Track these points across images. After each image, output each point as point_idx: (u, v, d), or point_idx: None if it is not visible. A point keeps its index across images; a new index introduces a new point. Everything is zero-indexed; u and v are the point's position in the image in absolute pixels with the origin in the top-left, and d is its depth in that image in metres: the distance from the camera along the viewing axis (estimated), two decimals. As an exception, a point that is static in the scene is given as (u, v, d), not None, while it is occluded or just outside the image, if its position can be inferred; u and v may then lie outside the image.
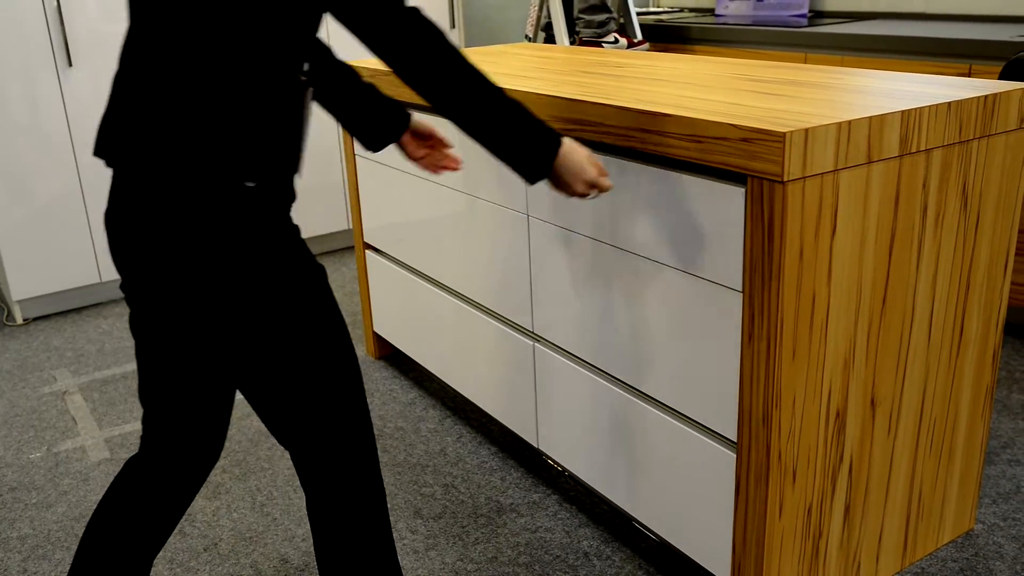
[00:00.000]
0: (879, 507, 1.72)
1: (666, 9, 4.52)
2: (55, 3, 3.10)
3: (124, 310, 3.44)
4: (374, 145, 1.59)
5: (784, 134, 1.30)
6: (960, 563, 1.85)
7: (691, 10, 4.40)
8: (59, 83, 3.17)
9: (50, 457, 2.42)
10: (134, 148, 1.21)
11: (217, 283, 1.23)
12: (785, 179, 1.33)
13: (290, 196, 1.30)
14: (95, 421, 2.60)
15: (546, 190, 1.83)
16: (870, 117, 1.39)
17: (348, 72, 1.55)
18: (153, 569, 1.94)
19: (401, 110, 1.60)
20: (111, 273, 3.46)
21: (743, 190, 1.40)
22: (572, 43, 3.79)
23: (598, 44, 3.70)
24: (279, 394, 1.32)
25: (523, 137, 1.33)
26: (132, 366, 2.95)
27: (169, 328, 1.32)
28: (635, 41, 3.76)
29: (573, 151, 1.38)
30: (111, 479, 2.29)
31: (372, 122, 1.57)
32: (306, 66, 1.33)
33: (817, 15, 3.81)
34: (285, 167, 1.26)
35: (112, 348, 3.09)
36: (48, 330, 3.28)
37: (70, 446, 2.47)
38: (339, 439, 1.37)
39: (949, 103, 1.49)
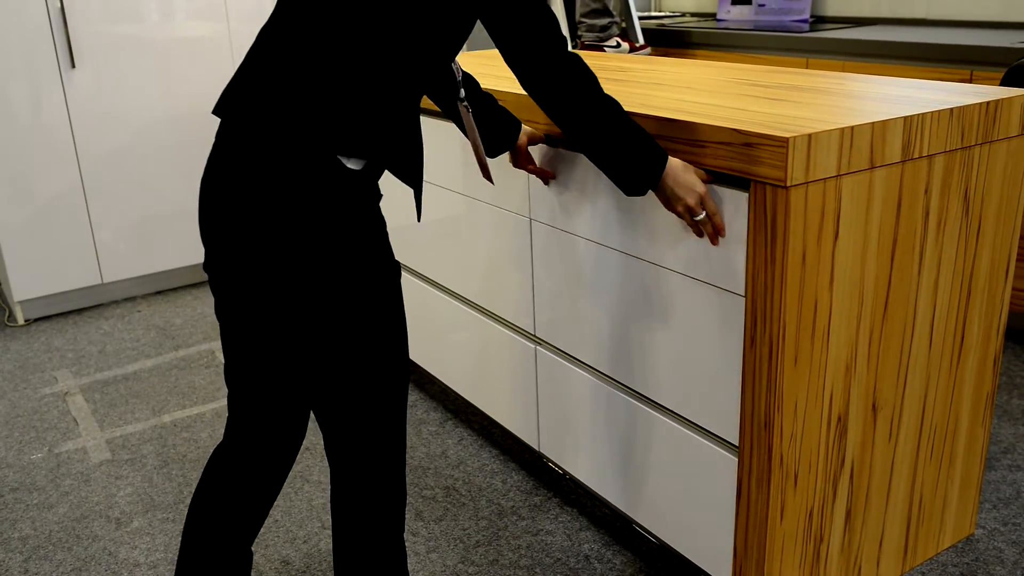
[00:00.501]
0: (880, 512, 1.72)
1: (668, 13, 4.53)
2: (58, 4, 3.11)
3: (125, 312, 3.44)
4: (492, 151, 1.70)
5: (787, 139, 1.31)
6: (960, 568, 1.85)
7: (693, 15, 4.41)
8: (62, 84, 3.18)
9: (51, 458, 2.42)
10: (262, 108, 1.24)
11: (302, 257, 1.25)
12: (788, 184, 1.33)
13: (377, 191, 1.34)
14: (96, 422, 2.60)
15: (549, 194, 1.83)
16: (872, 123, 1.40)
17: (471, 83, 1.65)
18: (154, 570, 1.95)
19: (515, 121, 1.72)
20: (112, 274, 3.46)
21: (746, 195, 1.41)
22: (574, 47, 3.79)
23: (600, 48, 3.71)
24: (331, 380, 1.35)
25: (629, 157, 1.42)
26: (133, 367, 2.95)
27: (250, 303, 1.34)
28: (637, 45, 3.77)
29: (686, 168, 1.45)
30: (112, 480, 2.29)
31: (491, 130, 1.68)
32: (459, 75, 1.50)
33: (818, 20, 3.82)
34: (400, 157, 1.32)
35: (113, 349, 3.10)
36: (49, 331, 3.29)
37: (71, 447, 2.47)
38: (376, 435, 1.40)
39: (951, 109, 1.50)
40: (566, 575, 1.89)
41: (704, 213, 1.44)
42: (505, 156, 1.91)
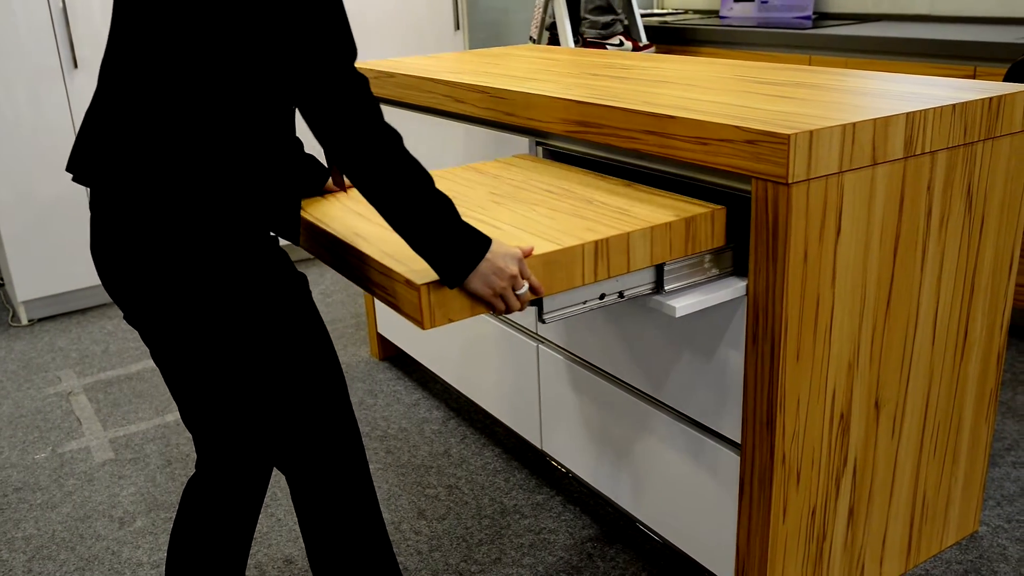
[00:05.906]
0: (883, 509, 1.71)
1: (670, 11, 4.52)
2: (61, 5, 3.11)
3: (129, 311, 3.45)
4: (302, 195, 1.57)
5: (788, 136, 1.30)
6: (964, 565, 1.85)
7: (695, 12, 4.40)
8: (64, 85, 3.18)
9: (55, 457, 2.42)
10: (115, 171, 1.22)
11: (199, 303, 1.25)
12: (790, 181, 1.33)
13: (265, 222, 1.29)
14: (100, 422, 2.60)
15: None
16: (875, 119, 1.39)
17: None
18: (157, 569, 1.95)
19: (321, 168, 1.65)
20: (116, 274, 3.46)
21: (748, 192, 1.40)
22: (576, 44, 3.79)
23: (602, 46, 3.70)
24: (265, 409, 1.34)
25: (447, 244, 1.24)
26: (136, 367, 2.95)
27: (168, 353, 1.36)
28: (641, 45, 3.76)
29: (495, 259, 1.26)
30: (115, 479, 2.29)
31: (299, 177, 1.51)
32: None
33: (821, 17, 3.81)
34: (252, 210, 1.27)
35: (117, 349, 3.10)
36: (53, 331, 3.29)
37: (75, 447, 2.47)
38: (326, 450, 1.39)
39: (954, 105, 1.49)
40: (569, 574, 1.88)
41: (505, 308, 1.29)
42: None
